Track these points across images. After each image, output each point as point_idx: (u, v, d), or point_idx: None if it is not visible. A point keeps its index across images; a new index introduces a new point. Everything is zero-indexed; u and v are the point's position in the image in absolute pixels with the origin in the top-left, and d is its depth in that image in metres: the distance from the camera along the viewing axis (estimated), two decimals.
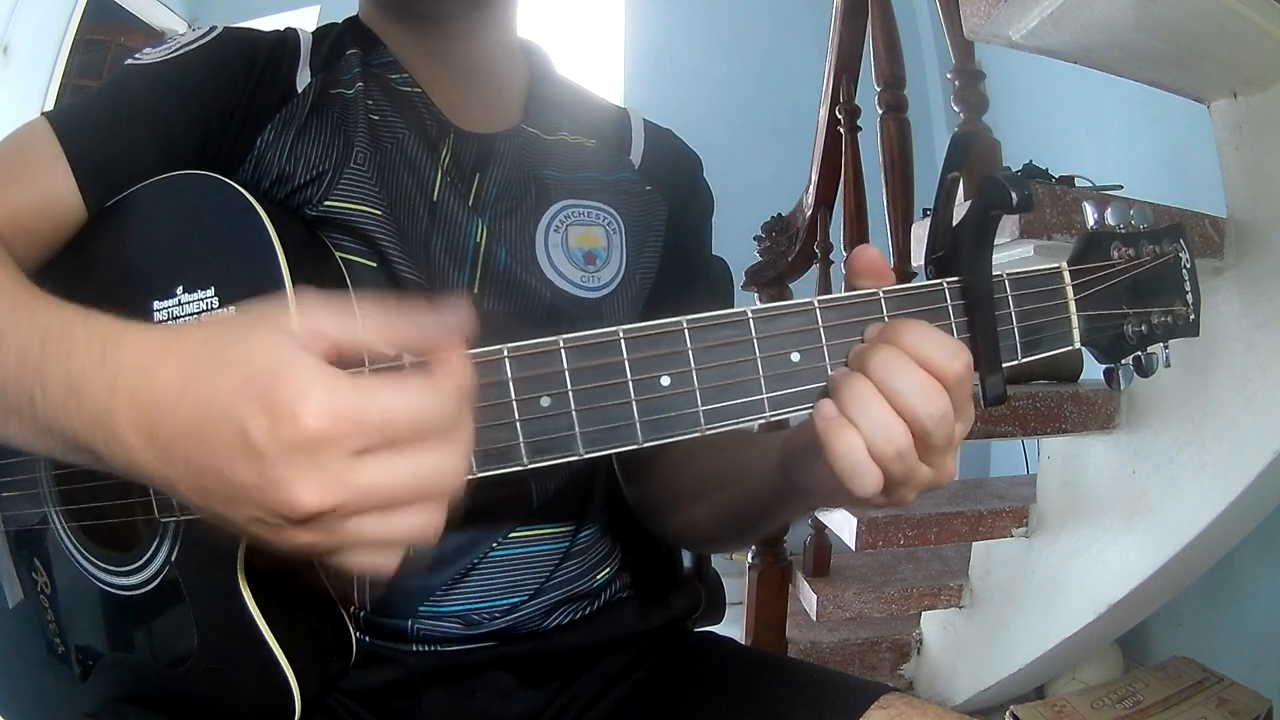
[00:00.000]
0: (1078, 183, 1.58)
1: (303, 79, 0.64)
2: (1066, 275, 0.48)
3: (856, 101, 1.78)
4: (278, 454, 0.35)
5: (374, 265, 0.60)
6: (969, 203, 0.46)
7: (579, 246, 0.68)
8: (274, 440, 0.35)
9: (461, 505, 0.41)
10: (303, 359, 0.36)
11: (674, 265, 0.73)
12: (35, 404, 0.41)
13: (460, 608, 0.62)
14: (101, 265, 0.58)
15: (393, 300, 0.59)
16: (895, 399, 0.42)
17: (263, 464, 0.35)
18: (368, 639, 0.61)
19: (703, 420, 0.44)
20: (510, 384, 0.43)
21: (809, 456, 0.46)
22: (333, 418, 0.35)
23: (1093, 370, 0.52)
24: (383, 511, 0.37)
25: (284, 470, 0.35)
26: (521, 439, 0.43)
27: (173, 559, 0.53)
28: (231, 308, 0.49)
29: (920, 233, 1.47)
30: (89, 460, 0.42)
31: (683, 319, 0.44)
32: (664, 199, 0.73)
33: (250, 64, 0.62)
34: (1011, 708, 1.62)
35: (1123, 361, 0.50)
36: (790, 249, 1.94)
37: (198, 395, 0.36)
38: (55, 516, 0.59)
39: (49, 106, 2.76)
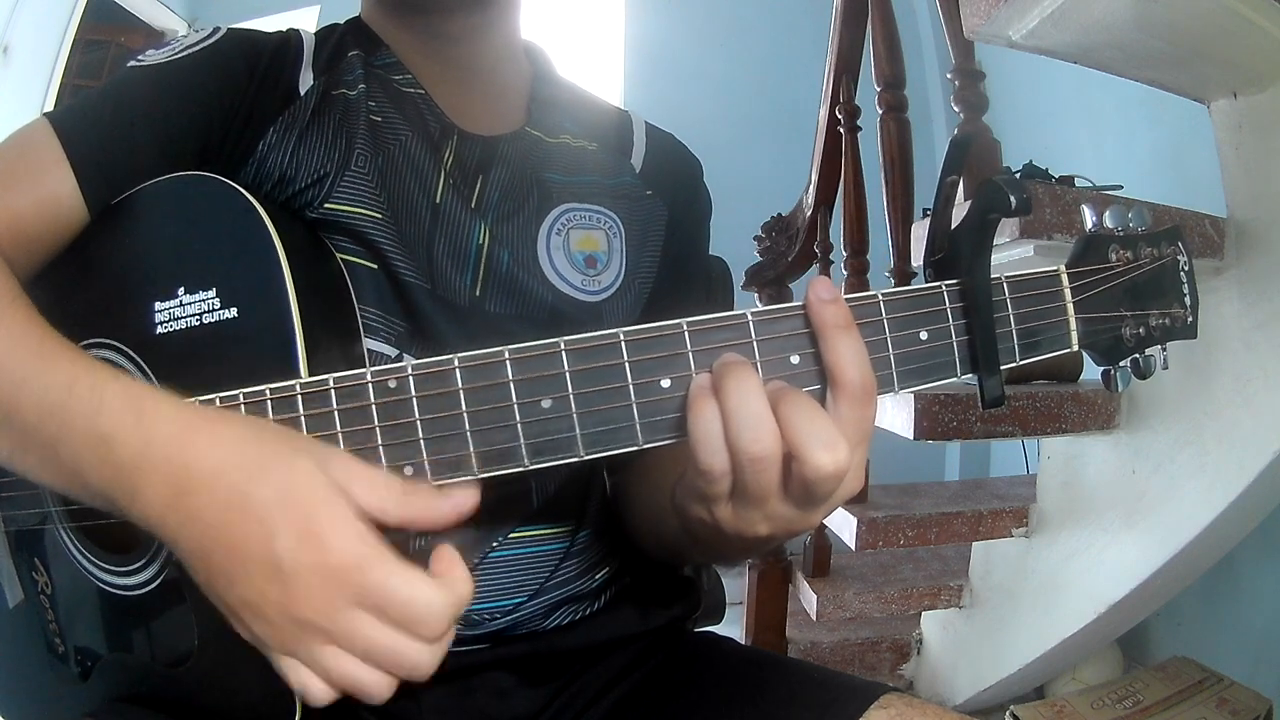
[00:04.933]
0: (1078, 183, 1.57)
1: (305, 81, 0.64)
2: (1064, 278, 0.48)
3: (856, 101, 1.78)
4: (295, 568, 0.39)
5: (375, 267, 0.60)
6: (968, 205, 0.46)
7: (580, 250, 0.68)
8: (297, 557, 0.39)
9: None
10: (341, 505, 0.40)
11: (673, 269, 0.73)
12: (58, 448, 0.44)
13: None
14: (103, 267, 0.58)
15: (395, 302, 0.60)
16: (790, 427, 0.41)
17: (278, 570, 0.39)
18: None
19: None
20: (511, 386, 0.43)
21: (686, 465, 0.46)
22: (353, 561, 0.39)
23: (1093, 370, 0.52)
24: (352, 656, 0.41)
25: (294, 581, 0.39)
26: (523, 440, 0.43)
27: (174, 559, 0.53)
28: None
29: (920, 233, 1.47)
30: (101, 504, 0.44)
31: (683, 321, 0.44)
32: (664, 203, 0.73)
33: (253, 66, 0.62)
34: (1011, 708, 1.62)
35: (1120, 364, 0.50)
36: (790, 249, 1.95)
37: (233, 487, 0.40)
38: (56, 517, 0.59)
39: (49, 107, 2.76)
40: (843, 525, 1.60)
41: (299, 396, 0.44)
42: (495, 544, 0.63)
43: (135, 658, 0.57)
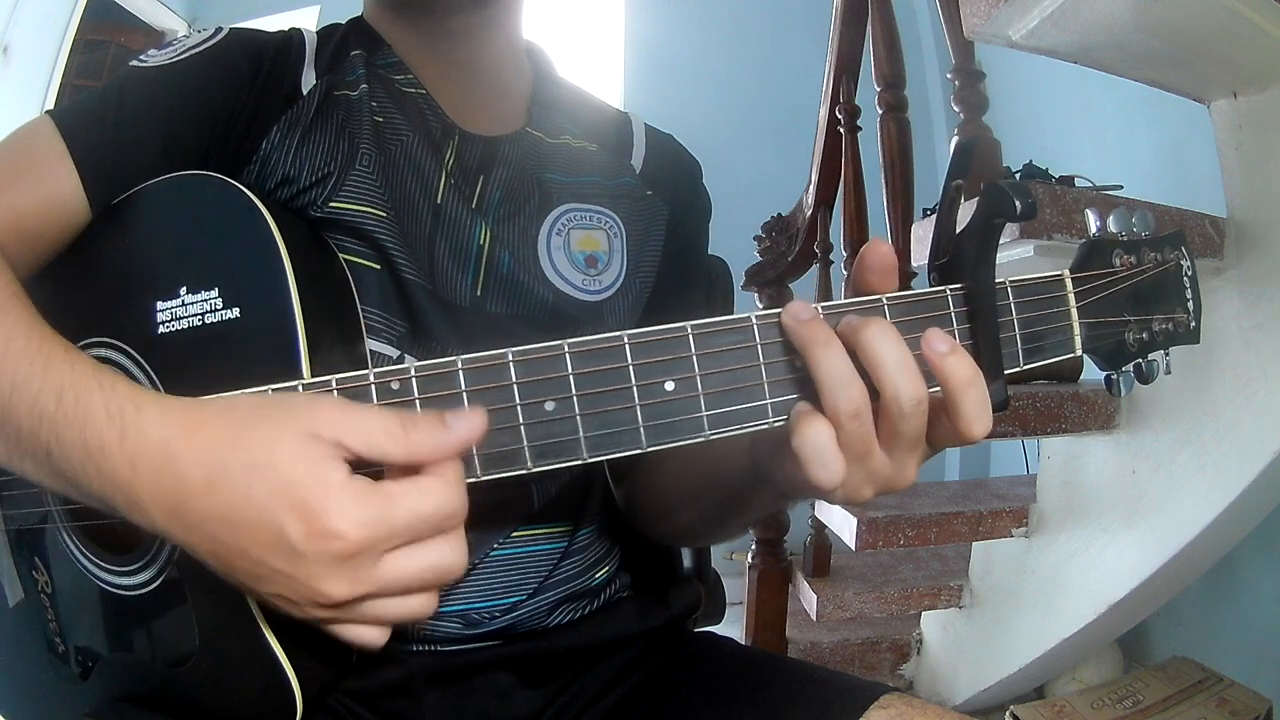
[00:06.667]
0: (1078, 183, 1.58)
1: (308, 81, 0.64)
2: (1068, 283, 0.48)
3: (856, 101, 1.78)
4: (315, 557, 0.39)
5: (378, 267, 0.60)
6: (972, 208, 0.46)
7: (580, 250, 0.68)
8: (312, 545, 0.38)
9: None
10: (333, 473, 0.39)
11: (673, 269, 0.73)
12: (52, 457, 0.43)
13: (460, 607, 0.62)
14: (104, 265, 0.58)
15: (397, 302, 0.60)
16: (877, 370, 0.42)
17: (299, 561, 0.39)
18: None
19: (706, 425, 0.44)
20: (515, 388, 0.43)
21: (777, 445, 0.47)
22: (368, 530, 0.39)
23: (1093, 370, 0.52)
24: (394, 596, 0.41)
25: (319, 569, 0.39)
26: (526, 443, 0.43)
27: (175, 559, 0.53)
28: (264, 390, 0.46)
29: (921, 233, 1.47)
30: (104, 509, 0.44)
31: (687, 324, 0.44)
32: (664, 203, 0.73)
33: (256, 67, 0.62)
34: (1011, 708, 1.62)
35: (1124, 369, 0.50)
36: (790, 249, 1.95)
37: (230, 491, 0.39)
38: (56, 516, 0.59)
39: (49, 107, 2.75)
40: (843, 525, 1.60)
41: None
42: (495, 544, 0.63)
43: (136, 657, 0.57)
